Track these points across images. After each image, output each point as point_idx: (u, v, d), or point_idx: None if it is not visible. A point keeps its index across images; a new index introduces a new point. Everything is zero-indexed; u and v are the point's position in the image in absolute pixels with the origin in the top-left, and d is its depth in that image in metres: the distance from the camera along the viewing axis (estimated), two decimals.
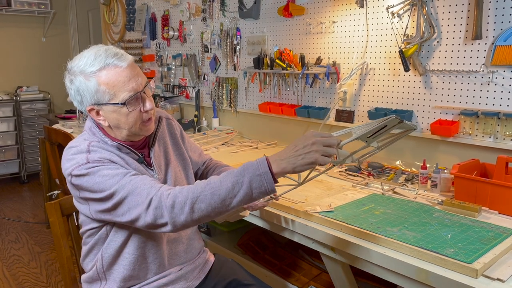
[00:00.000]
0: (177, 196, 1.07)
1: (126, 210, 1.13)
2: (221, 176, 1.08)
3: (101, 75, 1.17)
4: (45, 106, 5.16)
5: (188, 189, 1.07)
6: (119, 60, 1.18)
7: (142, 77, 1.22)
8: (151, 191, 1.10)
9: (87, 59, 1.18)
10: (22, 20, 5.24)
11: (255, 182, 1.03)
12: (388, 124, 1.11)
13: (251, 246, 2.12)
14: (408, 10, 1.96)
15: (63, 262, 1.49)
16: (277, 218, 1.53)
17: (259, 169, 1.04)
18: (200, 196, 1.05)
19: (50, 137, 2.95)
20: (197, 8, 3.20)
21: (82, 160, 1.17)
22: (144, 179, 1.14)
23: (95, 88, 1.17)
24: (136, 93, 1.19)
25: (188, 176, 1.45)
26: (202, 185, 1.07)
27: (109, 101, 1.18)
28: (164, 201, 1.07)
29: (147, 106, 1.22)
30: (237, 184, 1.04)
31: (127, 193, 1.12)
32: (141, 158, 1.28)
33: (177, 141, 1.45)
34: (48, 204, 1.46)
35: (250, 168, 1.05)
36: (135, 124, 1.22)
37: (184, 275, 1.37)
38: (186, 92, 3.47)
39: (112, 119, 1.21)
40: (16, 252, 3.28)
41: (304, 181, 1.21)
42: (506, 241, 1.21)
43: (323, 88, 2.41)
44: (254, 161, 1.06)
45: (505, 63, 1.68)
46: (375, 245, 1.25)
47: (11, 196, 4.65)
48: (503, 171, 1.54)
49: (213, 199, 1.05)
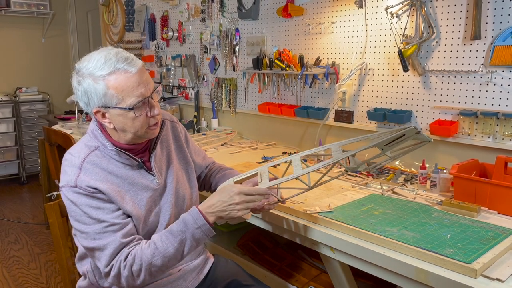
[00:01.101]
0: (132, 265, 1.17)
1: (91, 255, 1.24)
2: (164, 237, 1.20)
3: (111, 79, 1.16)
4: (45, 107, 5.16)
5: (141, 256, 1.18)
6: (129, 66, 1.17)
7: (150, 82, 1.23)
8: (113, 257, 1.18)
9: (96, 62, 1.17)
10: (22, 21, 5.24)
11: (197, 234, 1.20)
12: (406, 134, 1.15)
13: (251, 246, 2.12)
14: (407, 11, 1.96)
15: (62, 263, 1.49)
16: (277, 219, 1.53)
17: (197, 222, 1.20)
18: (152, 261, 1.17)
19: (49, 138, 2.94)
20: (196, 8, 3.20)
21: (71, 181, 1.19)
22: (114, 240, 1.18)
23: (103, 91, 1.16)
24: (144, 98, 1.19)
25: (191, 179, 1.45)
26: (150, 251, 1.18)
27: (117, 105, 1.18)
28: (122, 271, 1.18)
29: (154, 111, 1.23)
30: (181, 241, 1.19)
31: (95, 246, 1.19)
32: (140, 163, 1.28)
33: (180, 144, 1.45)
34: (48, 205, 1.46)
35: (188, 223, 1.20)
36: (141, 128, 1.23)
37: (183, 276, 1.38)
38: (185, 92, 3.47)
39: (118, 122, 1.21)
40: (16, 253, 3.28)
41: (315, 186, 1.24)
42: (505, 241, 1.21)
43: (322, 89, 2.41)
44: (189, 216, 1.21)
45: (504, 63, 1.68)
46: (374, 245, 1.25)
47: (10, 197, 4.65)
48: (502, 171, 1.54)
49: (164, 261, 1.19)
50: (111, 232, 1.18)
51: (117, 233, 1.18)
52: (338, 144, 1.25)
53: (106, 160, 1.23)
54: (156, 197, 1.31)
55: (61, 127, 3.36)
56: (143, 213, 1.25)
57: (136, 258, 1.17)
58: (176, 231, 1.20)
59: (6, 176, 5.05)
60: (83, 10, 5.70)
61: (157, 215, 1.30)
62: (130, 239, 1.21)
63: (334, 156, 1.23)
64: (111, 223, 1.19)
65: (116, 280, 1.19)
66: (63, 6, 5.56)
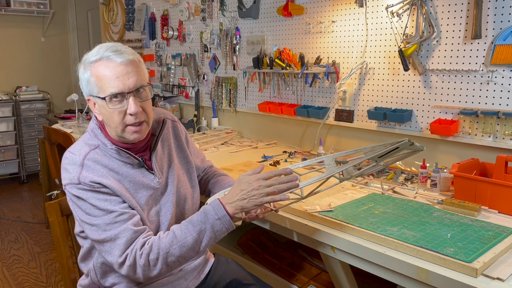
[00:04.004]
0: (149, 254, 1.14)
1: (102, 249, 1.19)
2: (183, 226, 1.18)
3: (95, 66, 1.17)
4: (45, 106, 5.16)
5: (159, 245, 1.15)
6: (115, 55, 1.16)
7: (136, 78, 1.18)
8: (128, 246, 1.15)
9: (93, 50, 1.20)
10: (22, 20, 5.24)
11: (217, 226, 1.17)
12: (400, 147, 1.15)
13: (251, 245, 2.12)
14: (408, 10, 1.96)
15: (62, 262, 1.49)
16: (277, 218, 1.53)
17: (217, 213, 1.17)
18: (170, 250, 1.15)
19: (49, 137, 2.94)
20: (197, 7, 3.20)
21: (74, 178, 1.18)
22: (126, 229, 1.15)
23: (88, 78, 1.19)
24: (120, 92, 1.16)
25: (192, 179, 1.44)
26: (169, 239, 1.16)
27: (97, 94, 1.19)
28: (138, 260, 1.15)
29: (131, 108, 1.17)
30: (201, 231, 1.17)
31: (106, 237, 1.16)
32: (141, 162, 1.27)
33: (181, 143, 1.44)
34: (48, 204, 1.46)
35: (209, 214, 1.17)
36: (119, 125, 1.20)
37: (184, 276, 1.37)
38: (185, 92, 3.47)
39: (103, 114, 1.22)
40: (16, 252, 3.28)
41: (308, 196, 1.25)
42: (505, 240, 1.21)
43: (323, 88, 2.41)
44: (210, 207, 1.18)
45: (505, 63, 1.68)
46: (375, 245, 1.25)
47: (10, 196, 4.65)
48: (503, 170, 1.54)
49: (182, 250, 1.16)
50: (122, 222, 1.16)
51: (127, 222, 1.17)
52: (332, 157, 1.25)
53: (107, 158, 1.23)
54: (157, 196, 1.30)
55: (61, 126, 3.36)
56: (143, 212, 1.25)
57: (153, 246, 1.15)
58: (196, 221, 1.18)
59: (6, 175, 5.05)
60: (83, 9, 5.70)
61: (158, 214, 1.29)
62: (142, 228, 1.19)
63: (328, 170, 1.23)
64: (121, 213, 1.17)
65: (132, 270, 1.15)
66: (63, 5, 5.55)
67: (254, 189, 1.16)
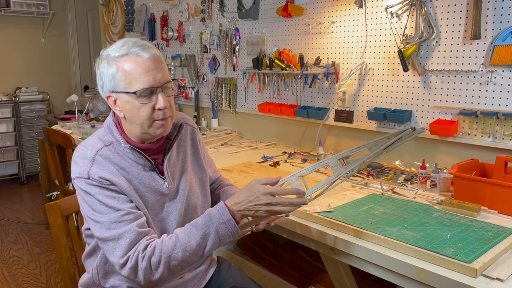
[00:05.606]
0: (151, 257, 1.12)
1: (104, 248, 1.17)
2: (187, 230, 1.15)
3: (122, 61, 1.16)
4: (44, 107, 5.16)
5: (161, 248, 1.13)
6: (142, 51, 1.16)
7: (163, 74, 1.19)
8: (131, 248, 1.13)
9: (116, 46, 1.18)
10: (21, 21, 5.24)
11: (221, 230, 1.14)
12: (404, 135, 1.16)
13: (251, 246, 2.12)
14: (407, 10, 1.96)
15: (62, 263, 1.48)
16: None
17: (222, 217, 1.13)
18: (173, 254, 1.12)
19: (49, 138, 2.94)
20: (196, 8, 3.20)
21: (83, 172, 1.17)
22: (130, 230, 1.14)
23: (113, 74, 1.17)
24: (151, 87, 1.16)
25: (205, 189, 1.40)
26: (171, 242, 1.13)
27: (124, 90, 1.17)
28: (140, 263, 1.12)
29: (160, 103, 1.18)
30: (205, 235, 1.14)
31: (110, 235, 1.14)
32: (153, 165, 1.25)
33: (197, 151, 1.41)
34: (48, 205, 1.46)
35: (213, 217, 1.14)
36: (146, 121, 1.19)
37: (184, 283, 1.34)
38: (185, 92, 3.47)
39: (127, 110, 1.19)
40: (16, 253, 3.28)
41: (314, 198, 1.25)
42: (505, 240, 1.21)
43: (322, 88, 2.41)
44: (215, 210, 1.15)
45: (504, 63, 1.68)
46: (374, 245, 1.25)
47: (10, 197, 4.64)
48: (502, 170, 1.54)
49: (185, 255, 1.13)
50: (127, 222, 1.14)
51: (133, 223, 1.15)
52: (336, 158, 1.25)
53: (119, 157, 1.21)
54: (165, 203, 1.27)
55: (61, 127, 3.36)
56: (149, 215, 1.22)
57: (156, 249, 1.12)
58: (200, 224, 1.15)
59: (6, 176, 5.05)
60: (83, 10, 5.70)
61: (163, 221, 1.26)
62: (146, 230, 1.17)
63: (336, 172, 1.23)
64: (127, 212, 1.16)
65: (133, 273, 1.12)
66: (63, 6, 5.56)
67: (261, 204, 1.13)
